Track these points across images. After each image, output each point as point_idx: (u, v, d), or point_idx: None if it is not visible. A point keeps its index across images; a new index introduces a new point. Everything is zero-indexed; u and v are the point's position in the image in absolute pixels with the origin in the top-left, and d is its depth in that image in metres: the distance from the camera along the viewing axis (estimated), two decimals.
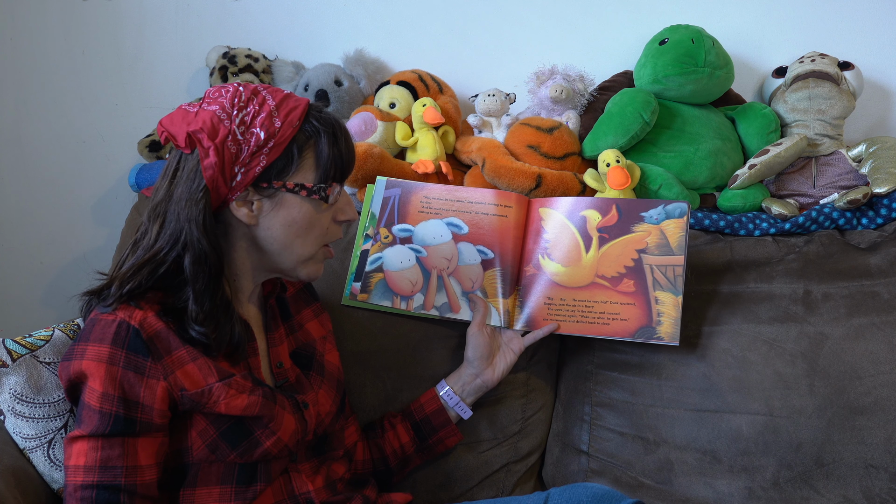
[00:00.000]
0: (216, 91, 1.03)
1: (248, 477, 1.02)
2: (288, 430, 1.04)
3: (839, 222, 1.47)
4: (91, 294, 1.03)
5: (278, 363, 1.11)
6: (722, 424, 1.31)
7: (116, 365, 0.96)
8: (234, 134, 0.99)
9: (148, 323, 0.98)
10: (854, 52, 1.65)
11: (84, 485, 0.93)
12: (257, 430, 1.01)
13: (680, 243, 1.28)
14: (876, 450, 1.27)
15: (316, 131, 1.02)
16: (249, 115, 1.00)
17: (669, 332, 1.26)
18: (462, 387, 1.30)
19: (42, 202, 1.78)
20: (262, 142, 0.99)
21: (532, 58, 1.65)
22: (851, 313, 1.35)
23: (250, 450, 1.01)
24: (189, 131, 0.99)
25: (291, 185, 1.02)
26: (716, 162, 1.57)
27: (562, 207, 1.35)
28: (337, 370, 1.21)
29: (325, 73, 1.65)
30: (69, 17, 1.73)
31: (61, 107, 1.76)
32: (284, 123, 1.00)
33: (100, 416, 0.94)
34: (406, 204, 1.38)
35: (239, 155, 0.99)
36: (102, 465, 0.93)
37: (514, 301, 1.34)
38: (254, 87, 1.03)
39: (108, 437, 0.94)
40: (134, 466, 0.94)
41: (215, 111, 1.00)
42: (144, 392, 0.96)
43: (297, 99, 1.03)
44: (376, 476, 1.28)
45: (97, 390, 0.95)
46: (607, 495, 1.05)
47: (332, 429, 1.16)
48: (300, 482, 1.08)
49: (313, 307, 1.26)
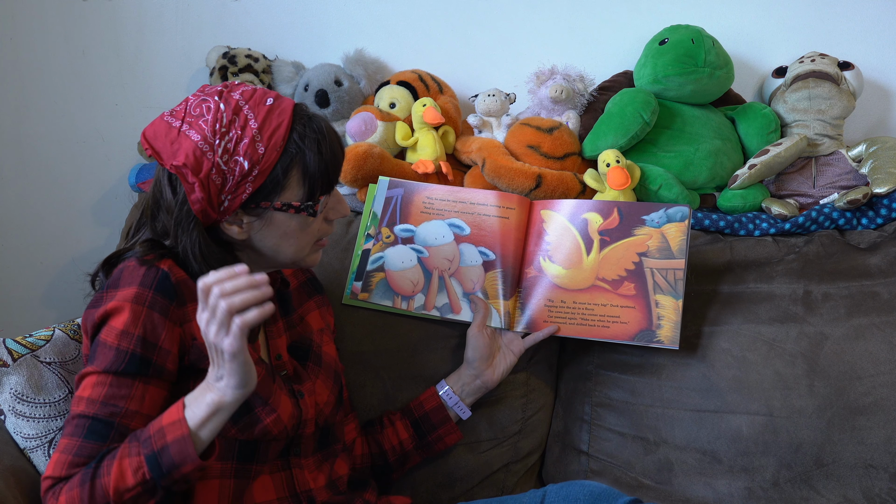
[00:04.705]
0: (197, 106, 1.01)
1: (248, 454, 1.03)
2: (286, 410, 1.05)
3: (839, 222, 1.47)
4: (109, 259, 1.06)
5: (277, 355, 1.12)
6: (722, 425, 1.31)
7: (142, 304, 0.98)
8: (218, 165, 0.99)
9: (176, 269, 1.01)
10: (854, 52, 1.65)
11: (82, 414, 0.94)
12: (257, 406, 1.02)
13: (681, 247, 1.28)
14: (876, 450, 1.27)
15: (300, 150, 1.02)
16: (232, 141, 0.99)
17: (669, 336, 1.26)
18: (462, 387, 1.31)
19: (42, 202, 1.78)
20: (246, 171, 0.99)
21: (532, 58, 1.65)
22: (851, 313, 1.35)
23: (251, 426, 1.02)
24: (173, 164, 0.99)
25: (279, 204, 1.03)
26: (716, 162, 1.57)
27: (563, 209, 1.35)
28: (334, 361, 1.22)
29: (325, 73, 1.65)
30: (69, 17, 1.73)
31: (61, 107, 1.75)
32: (268, 148, 1.00)
33: (115, 353, 0.96)
34: (408, 204, 1.38)
35: (224, 185, 1.00)
36: (105, 401, 0.94)
37: (514, 303, 1.34)
38: (235, 104, 1.01)
39: (119, 374, 0.95)
40: (135, 412, 0.95)
41: (197, 143, 0.98)
42: (166, 335, 0.98)
43: (280, 112, 1.02)
44: (375, 471, 1.29)
45: (117, 328, 0.96)
46: (605, 493, 1.06)
47: (333, 419, 1.17)
48: (303, 479, 1.08)
49: (316, 299, 1.27)
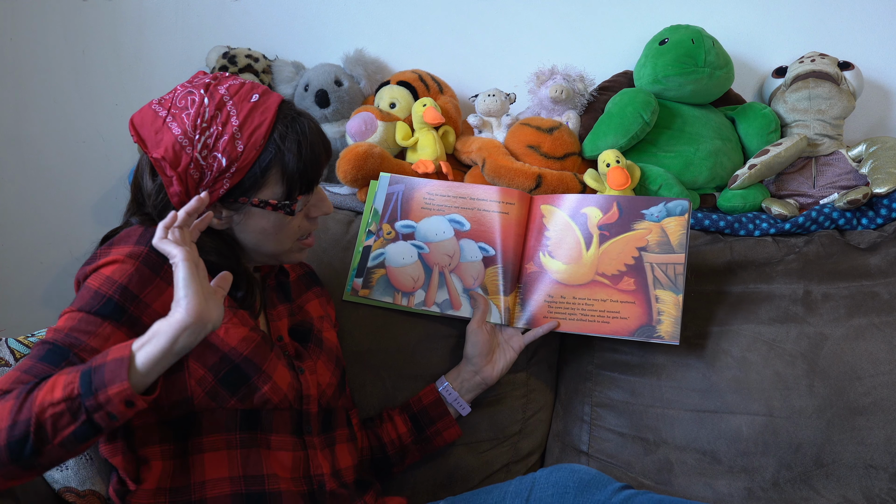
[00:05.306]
0: (183, 98, 1.02)
1: (252, 423, 1.03)
2: (284, 379, 1.05)
3: (839, 222, 1.47)
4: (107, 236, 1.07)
5: (278, 336, 1.13)
6: (722, 425, 1.31)
7: (135, 259, 0.98)
8: (197, 160, 1.00)
9: None
10: (854, 52, 1.65)
11: (45, 340, 0.94)
12: (253, 374, 1.02)
13: (681, 241, 1.27)
14: (876, 450, 1.27)
15: (279, 150, 1.02)
16: (212, 137, 1.00)
17: (670, 331, 1.25)
18: (461, 383, 1.31)
19: (42, 202, 1.78)
20: (223, 168, 1.00)
21: (532, 58, 1.65)
22: (851, 314, 1.35)
23: (249, 395, 1.02)
24: (153, 156, 1.00)
25: (256, 201, 1.03)
26: (716, 162, 1.57)
27: (563, 204, 1.35)
28: (335, 347, 1.22)
29: (325, 73, 1.65)
30: (69, 17, 1.73)
31: (61, 107, 1.75)
32: (247, 147, 1.00)
33: (93, 295, 0.96)
34: (409, 200, 1.39)
35: (202, 179, 1.01)
36: (69, 332, 0.94)
37: (514, 298, 1.33)
38: (219, 98, 1.01)
39: (91, 314, 0.95)
40: (95, 349, 0.93)
41: (177, 137, 0.99)
42: (152, 290, 0.99)
43: (263, 111, 1.02)
44: (375, 464, 1.29)
45: (104, 275, 0.97)
46: (594, 480, 1.05)
47: (335, 404, 1.17)
48: (316, 462, 1.09)
49: (315, 290, 1.28)
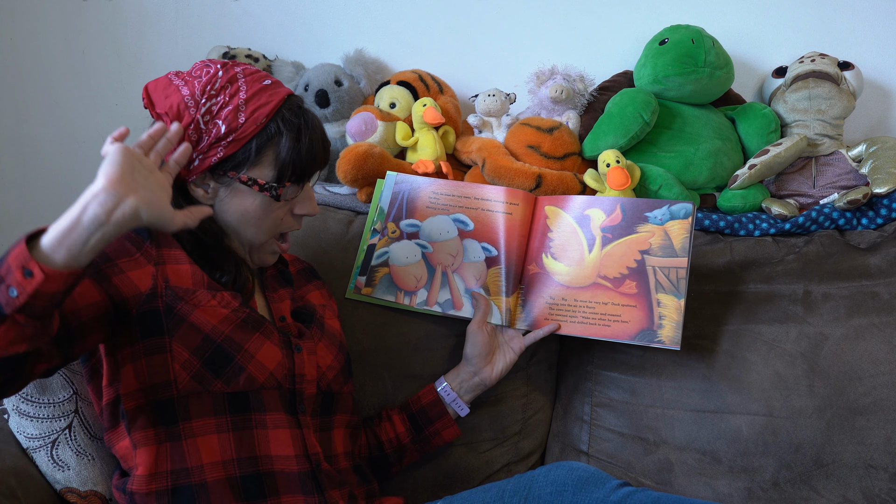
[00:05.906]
0: (199, 68, 1.06)
1: (242, 406, 1.02)
2: (271, 358, 1.04)
3: (839, 222, 1.47)
4: None
5: (281, 317, 1.13)
6: (722, 425, 1.31)
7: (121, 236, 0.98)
8: (198, 123, 1.02)
9: None
10: (854, 52, 1.65)
11: None
12: (237, 354, 1.02)
13: (684, 245, 1.25)
14: (876, 450, 1.27)
15: (279, 132, 1.05)
16: (217, 104, 1.02)
17: (671, 336, 1.22)
18: (460, 384, 1.30)
19: (42, 202, 1.78)
20: (221, 135, 1.02)
21: (532, 58, 1.65)
22: (851, 314, 1.35)
23: (235, 376, 1.01)
24: (157, 112, 1.02)
25: (245, 178, 1.05)
26: (716, 162, 1.57)
27: (567, 206, 1.35)
28: (338, 333, 1.23)
29: (325, 73, 1.65)
30: (69, 17, 1.73)
31: (61, 107, 1.75)
32: (248, 120, 1.03)
33: None
34: (415, 199, 1.39)
35: (199, 143, 1.02)
36: None
37: (516, 300, 1.33)
38: (233, 73, 1.05)
39: None
40: None
41: (185, 97, 1.02)
42: (129, 261, 0.99)
43: (272, 94, 1.05)
44: (373, 463, 1.29)
45: None
46: (593, 477, 1.04)
47: (338, 387, 1.17)
48: (311, 442, 1.08)
49: (315, 283, 1.29)
